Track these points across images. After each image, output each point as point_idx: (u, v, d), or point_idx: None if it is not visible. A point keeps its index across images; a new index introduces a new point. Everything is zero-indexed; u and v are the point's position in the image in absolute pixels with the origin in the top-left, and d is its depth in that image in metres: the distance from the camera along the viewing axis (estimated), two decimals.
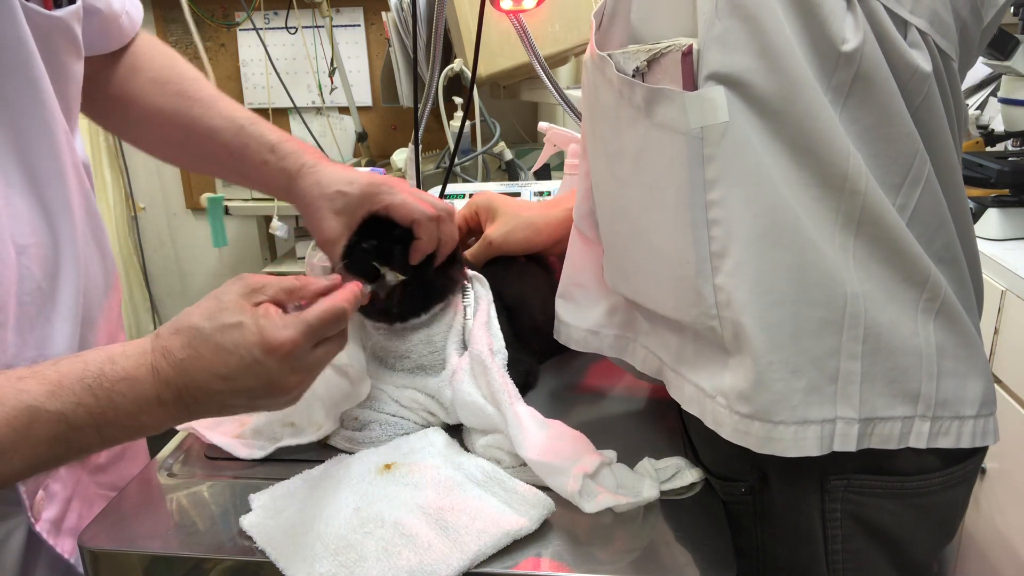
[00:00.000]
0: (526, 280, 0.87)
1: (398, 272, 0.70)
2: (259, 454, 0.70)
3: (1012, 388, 1.31)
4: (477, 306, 0.77)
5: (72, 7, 0.64)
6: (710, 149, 0.54)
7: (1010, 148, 1.73)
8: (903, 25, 0.52)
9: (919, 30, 0.53)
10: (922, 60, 0.53)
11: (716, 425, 0.58)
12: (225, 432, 0.72)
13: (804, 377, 0.54)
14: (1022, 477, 1.29)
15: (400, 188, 0.71)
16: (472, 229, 0.89)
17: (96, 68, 0.77)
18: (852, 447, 0.55)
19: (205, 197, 2.03)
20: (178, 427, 0.76)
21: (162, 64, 0.79)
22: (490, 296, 0.79)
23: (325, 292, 0.58)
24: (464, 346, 0.75)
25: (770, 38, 0.52)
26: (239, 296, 0.55)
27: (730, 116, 0.53)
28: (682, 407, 0.64)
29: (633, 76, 0.57)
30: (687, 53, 0.53)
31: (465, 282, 0.79)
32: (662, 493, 0.63)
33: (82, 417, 0.51)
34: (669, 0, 0.56)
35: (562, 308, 0.77)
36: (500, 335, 0.75)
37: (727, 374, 0.57)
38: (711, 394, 0.59)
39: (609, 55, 0.59)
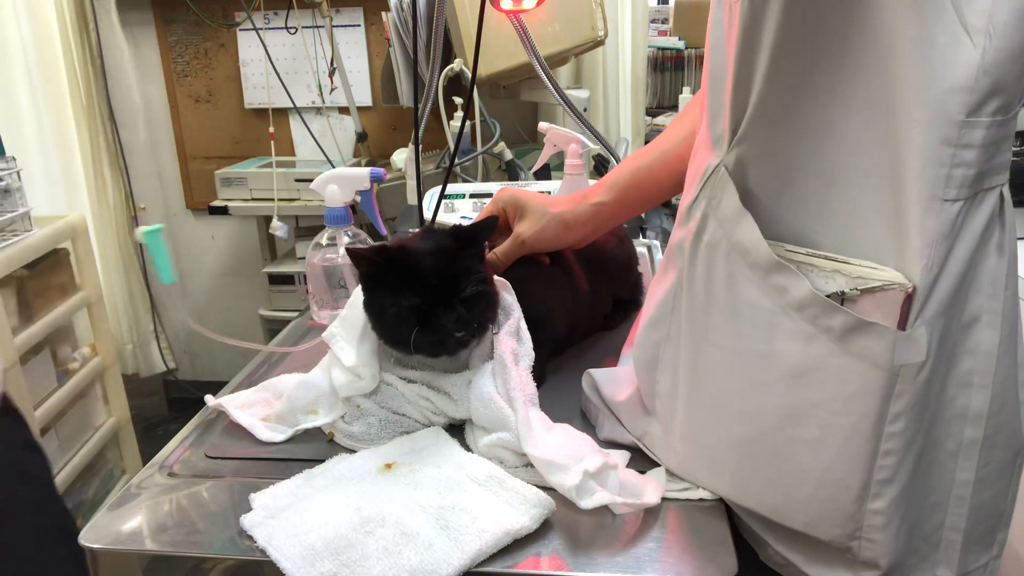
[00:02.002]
0: (550, 290, 0.85)
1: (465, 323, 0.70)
2: (279, 438, 0.74)
3: None
4: (507, 319, 0.76)
5: None
6: (902, 385, 0.53)
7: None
8: None
9: None
10: None
11: None
12: (254, 414, 0.77)
13: (917, 553, 0.58)
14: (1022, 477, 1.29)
15: None
16: (499, 227, 0.86)
17: None
18: None
19: (140, 232, 1.69)
20: (209, 403, 0.78)
21: None
22: (519, 307, 0.78)
23: None
24: (490, 356, 0.75)
25: (990, 283, 0.53)
26: None
27: (926, 354, 0.53)
28: (760, 556, 0.65)
29: (828, 296, 0.54)
30: (911, 295, 0.52)
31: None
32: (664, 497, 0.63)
33: None
34: (870, 224, 0.54)
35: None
36: (529, 340, 0.75)
37: (849, 574, 0.58)
38: None
39: (790, 260, 0.55)
